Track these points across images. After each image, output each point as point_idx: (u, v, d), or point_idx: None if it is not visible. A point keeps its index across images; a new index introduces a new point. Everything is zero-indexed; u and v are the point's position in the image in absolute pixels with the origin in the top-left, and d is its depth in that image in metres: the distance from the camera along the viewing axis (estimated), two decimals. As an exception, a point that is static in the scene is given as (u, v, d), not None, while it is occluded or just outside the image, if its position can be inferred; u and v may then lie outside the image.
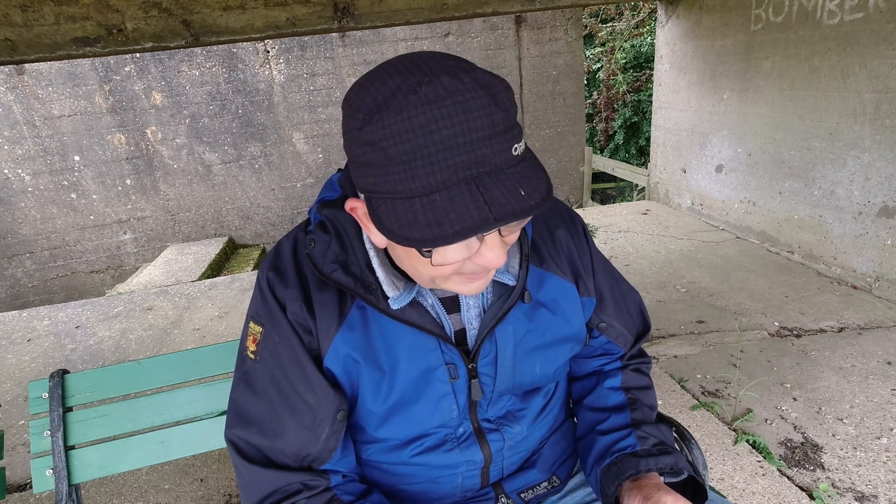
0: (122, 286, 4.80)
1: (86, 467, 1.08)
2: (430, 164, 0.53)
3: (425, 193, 0.54)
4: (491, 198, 0.53)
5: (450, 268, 0.62)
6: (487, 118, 0.54)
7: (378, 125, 0.54)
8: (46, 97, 5.35)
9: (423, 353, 0.75)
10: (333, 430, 0.74)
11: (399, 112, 0.53)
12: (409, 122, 0.52)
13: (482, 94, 0.54)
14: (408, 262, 0.66)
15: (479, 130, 0.53)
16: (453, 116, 0.52)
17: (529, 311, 0.80)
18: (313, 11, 2.92)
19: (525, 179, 0.56)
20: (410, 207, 0.55)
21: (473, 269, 0.64)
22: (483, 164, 0.54)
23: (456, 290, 0.67)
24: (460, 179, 0.54)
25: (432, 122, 0.52)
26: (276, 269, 0.76)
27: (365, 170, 0.58)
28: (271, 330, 0.74)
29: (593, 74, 10.31)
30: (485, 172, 0.54)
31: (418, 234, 0.54)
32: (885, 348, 2.55)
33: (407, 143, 0.53)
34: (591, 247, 0.88)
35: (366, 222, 0.66)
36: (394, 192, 0.56)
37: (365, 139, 0.55)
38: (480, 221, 0.53)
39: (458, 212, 0.53)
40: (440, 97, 0.53)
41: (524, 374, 0.81)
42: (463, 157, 0.53)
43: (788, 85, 3.52)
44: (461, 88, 0.53)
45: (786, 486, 1.77)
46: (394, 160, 0.54)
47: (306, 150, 6.16)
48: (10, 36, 2.62)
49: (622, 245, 4.28)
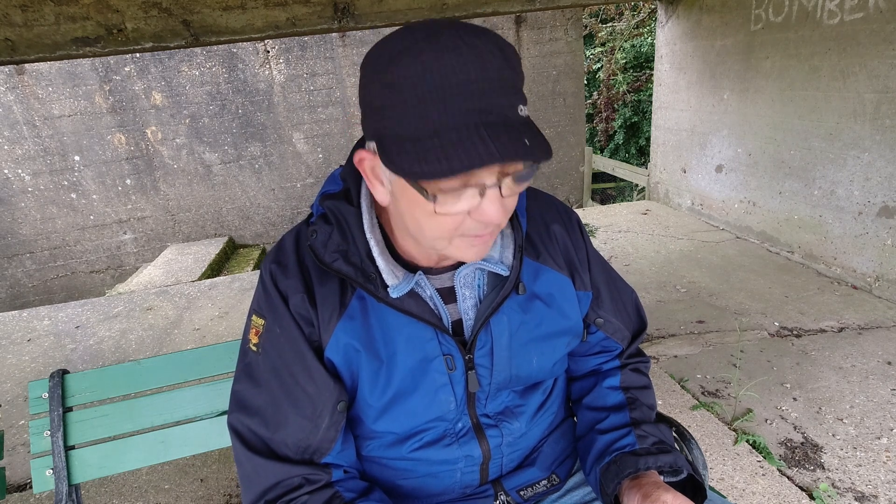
0: (122, 286, 4.80)
1: (86, 467, 1.08)
2: (443, 105, 0.56)
3: (437, 134, 0.56)
4: (498, 141, 0.56)
5: (451, 222, 0.63)
6: (499, 72, 0.57)
7: (398, 66, 0.56)
8: (46, 97, 5.35)
9: (421, 343, 0.76)
10: (333, 420, 0.75)
11: (419, 55, 0.56)
12: (428, 65, 0.55)
13: (496, 51, 0.58)
14: (411, 217, 0.66)
15: (491, 81, 0.57)
16: (469, 64, 0.56)
17: (524, 303, 0.80)
18: (313, 11, 2.92)
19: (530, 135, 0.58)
20: (421, 146, 0.57)
21: (474, 229, 0.65)
22: (492, 112, 0.57)
23: (458, 256, 0.69)
24: (471, 123, 0.56)
25: (449, 67, 0.55)
26: (278, 261, 0.77)
27: (381, 113, 0.60)
28: (273, 322, 0.75)
29: (593, 74, 10.32)
30: (493, 121, 0.57)
31: (427, 167, 0.56)
32: (885, 348, 2.55)
33: (424, 84, 0.55)
34: (587, 242, 0.89)
35: (371, 177, 0.68)
36: (406, 133, 0.58)
37: (384, 81, 0.58)
38: (487, 156, 0.55)
39: (467, 149, 0.55)
40: (458, 46, 0.56)
41: (521, 367, 0.81)
42: (475, 102, 0.56)
43: (788, 85, 3.52)
44: (478, 43, 0.57)
45: (786, 486, 1.77)
46: (409, 101, 0.56)
47: (306, 150, 6.16)
48: (10, 36, 2.62)
49: (622, 245, 4.28)
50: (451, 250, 0.68)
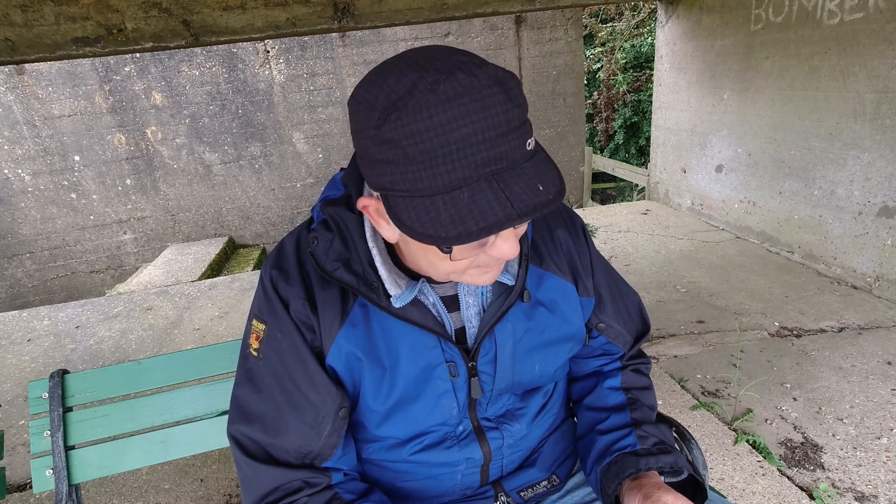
0: (122, 286, 4.80)
1: (86, 467, 1.08)
2: (451, 161, 0.54)
3: (447, 191, 0.55)
4: (512, 194, 0.54)
5: (466, 262, 0.64)
6: (504, 115, 0.54)
7: (397, 123, 0.54)
8: (46, 97, 5.35)
9: (424, 350, 0.75)
10: (335, 427, 0.74)
11: (419, 111, 0.53)
12: (430, 121, 0.53)
13: (497, 90, 0.55)
14: (424, 258, 0.67)
15: (497, 127, 0.54)
16: (472, 114, 0.53)
17: (528, 311, 0.80)
18: (313, 11, 2.92)
19: (540, 174, 0.57)
20: (433, 205, 0.55)
21: (488, 262, 0.65)
22: (502, 160, 0.55)
23: (470, 282, 0.69)
24: (481, 176, 0.55)
25: (452, 121, 0.53)
26: (279, 266, 0.76)
27: (382, 168, 0.57)
28: (274, 327, 0.75)
29: (593, 74, 10.32)
30: (503, 168, 0.55)
31: (443, 232, 0.55)
32: (885, 348, 2.55)
33: (428, 142, 0.53)
34: (591, 247, 0.88)
35: (377, 219, 0.66)
36: (414, 189, 0.56)
37: (383, 138, 0.55)
38: (504, 218, 0.54)
39: (482, 209, 0.54)
40: (458, 95, 0.53)
41: (523, 373, 0.81)
42: (483, 153, 0.54)
43: (788, 85, 3.52)
44: (477, 86, 0.54)
45: (786, 486, 1.77)
46: (414, 158, 0.54)
47: (306, 150, 6.16)
48: (10, 36, 2.62)
49: (622, 245, 4.28)
50: (464, 279, 0.68)
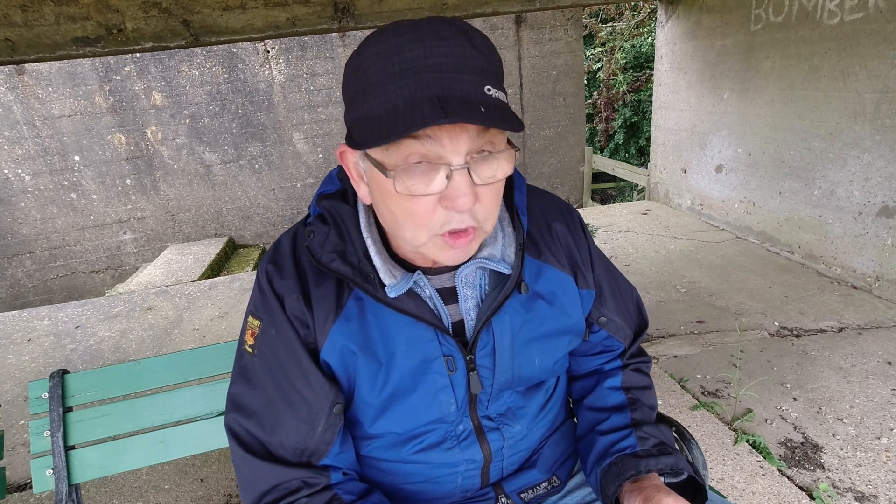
0: (122, 286, 4.80)
1: (86, 467, 1.08)
2: (403, 81, 0.57)
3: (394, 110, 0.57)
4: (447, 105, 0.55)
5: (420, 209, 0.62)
6: (460, 54, 0.58)
7: (365, 51, 0.60)
8: (46, 97, 5.35)
9: (421, 343, 0.75)
10: (329, 423, 0.74)
11: (380, 35, 0.59)
12: (387, 43, 0.58)
13: (457, 33, 0.59)
14: (385, 208, 0.66)
15: (453, 62, 0.57)
16: (426, 41, 0.57)
17: (526, 302, 0.80)
18: (313, 11, 2.92)
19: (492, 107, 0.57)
20: (378, 120, 0.58)
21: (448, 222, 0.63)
22: (453, 89, 0.57)
23: (435, 257, 0.67)
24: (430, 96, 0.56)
25: (406, 44, 0.57)
26: (274, 262, 0.77)
27: (353, 103, 0.62)
28: (269, 324, 0.75)
29: (593, 74, 10.32)
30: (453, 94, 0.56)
31: (375, 133, 0.57)
32: (885, 348, 2.55)
33: (382, 62, 0.58)
34: (590, 241, 0.88)
35: (354, 176, 0.70)
36: (370, 113, 0.59)
37: (353, 66, 0.62)
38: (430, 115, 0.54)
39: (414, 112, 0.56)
40: (418, 27, 0.58)
41: (523, 367, 0.81)
42: (436, 80, 0.56)
43: (788, 85, 3.52)
44: (438, 25, 0.59)
45: (786, 486, 1.77)
46: (373, 82, 0.59)
47: (306, 150, 6.16)
48: (10, 36, 2.62)
49: (622, 245, 4.28)
50: (430, 248, 0.66)
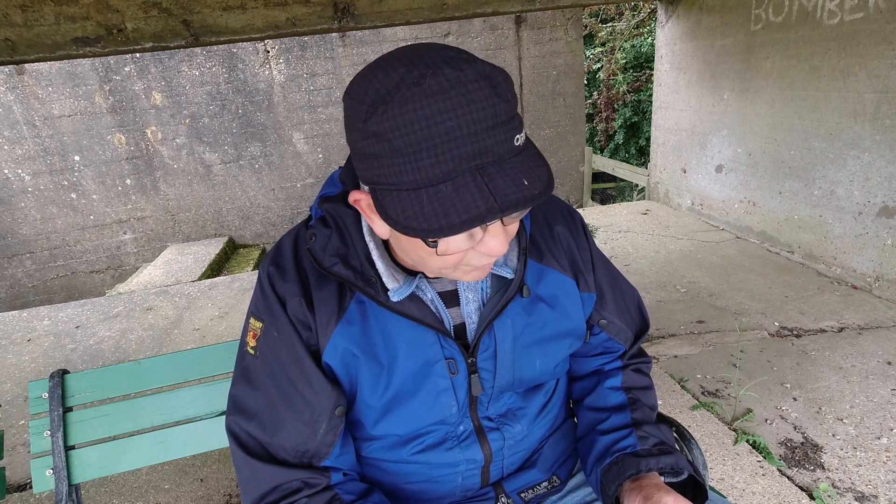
0: (122, 286, 4.80)
1: (86, 467, 1.08)
2: (435, 154, 0.54)
3: (431, 184, 0.55)
4: (495, 188, 0.54)
5: (454, 258, 0.64)
6: (490, 109, 0.55)
7: (383, 116, 0.54)
8: (46, 97, 5.34)
9: (423, 346, 0.75)
10: (331, 425, 0.74)
11: (404, 104, 0.54)
12: (415, 114, 0.53)
13: (484, 85, 0.55)
14: (413, 252, 0.66)
15: (482, 122, 0.54)
16: (457, 108, 0.53)
17: (528, 306, 0.80)
18: (313, 11, 2.92)
19: (527, 169, 0.57)
20: (416, 198, 0.56)
21: (479, 260, 0.65)
22: (486, 154, 0.55)
23: (459, 278, 0.69)
24: (465, 170, 0.55)
25: (437, 114, 0.53)
26: (276, 264, 0.76)
27: (370, 161, 0.58)
28: (270, 325, 0.75)
29: (593, 74, 10.32)
30: (488, 162, 0.56)
31: (425, 224, 0.55)
32: (885, 348, 2.55)
33: (412, 135, 0.54)
34: (591, 243, 0.88)
35: (369, 213, 0.67)
36: (399, 183, 0.56)
37: (370, 131, 0.56)
38: (486, 211, 0.54)
39: (464, 202, 0.54)
40: (444, 89, 0.53)
41: (524, 370, 0.81)
42: (467, 147, 0.54)
43: (788, 85, 3.52)
44: (463, 80, 0.54)
45: (786, 486, 1.77)
46: (399, 151, 0.55)
47: (306, 150, 6.16)
48: (10, 36, 2.62)
49: (622, 245, 4.28)
50: (456, 275, 0.69)
